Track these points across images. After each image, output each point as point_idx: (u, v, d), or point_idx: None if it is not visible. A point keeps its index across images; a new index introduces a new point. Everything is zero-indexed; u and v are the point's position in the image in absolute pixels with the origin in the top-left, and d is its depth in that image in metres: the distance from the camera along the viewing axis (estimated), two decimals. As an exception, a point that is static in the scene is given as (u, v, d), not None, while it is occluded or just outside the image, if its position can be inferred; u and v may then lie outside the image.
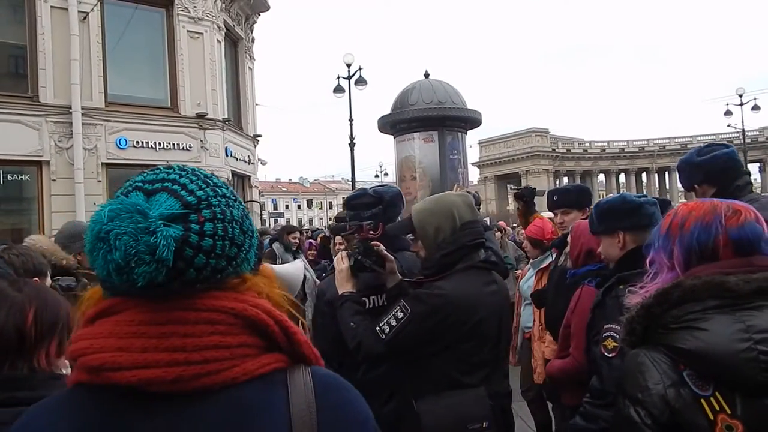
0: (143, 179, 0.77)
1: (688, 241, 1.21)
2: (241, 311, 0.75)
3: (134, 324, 0.72)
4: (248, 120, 14.24)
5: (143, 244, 0.68)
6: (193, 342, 0.71)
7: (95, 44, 10.22)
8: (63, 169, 9.87)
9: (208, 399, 0.71)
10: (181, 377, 0.70)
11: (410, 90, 20.89)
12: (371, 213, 2.33)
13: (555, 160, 58.17)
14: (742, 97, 26.35)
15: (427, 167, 20.59)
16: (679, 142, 59.64)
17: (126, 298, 0.74)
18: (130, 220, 0.69)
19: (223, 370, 0.72)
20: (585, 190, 3.77)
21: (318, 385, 0.77)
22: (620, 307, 1.91)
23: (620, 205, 2.17)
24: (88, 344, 0.72)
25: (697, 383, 1.10)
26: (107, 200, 0.76)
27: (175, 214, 0.72)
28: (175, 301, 0.73)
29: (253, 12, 14.66)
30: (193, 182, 0.77)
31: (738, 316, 1.11)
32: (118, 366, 0.69)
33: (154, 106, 11.17)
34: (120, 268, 0.69)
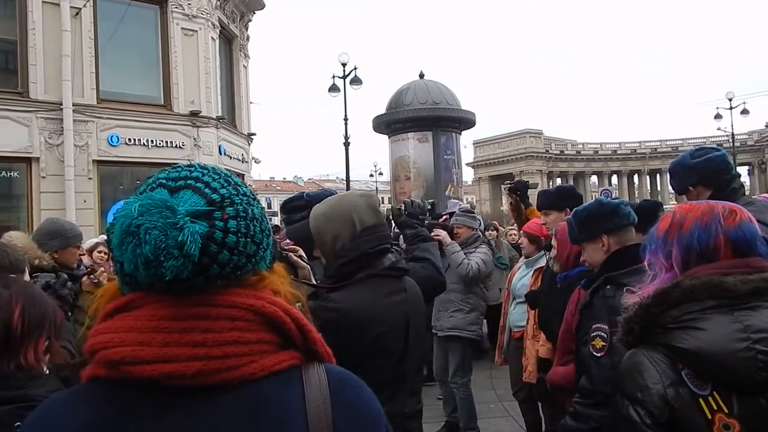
0: (166, 176, 0.79)
1: (688, 242, 1.22)
2: (260, 308, 0.76)
3: (155, 319, 0.73)
4: (242, 118, 14.15)
5: (172, 238, 0.70)
6: (213, 337, 0.73)
7: (87, 40, 10.10)
8: (53, 166, 9.75)
9: (226, 393, 0.73)
10: (202, 371, 0.71)
11: (405, 90, 20.91)
12: (300, 216, 2.24)
13: (548, 161, 58.45)
14: (731, 101, 26.72)
15: (422, 167, 20.61)
16: (670, 145, 60.19)
17: (146, 293, 0.75)
18: (159, 215, 0.71)
19: (242, 365, 0.73)
20: (565, 192, 3.71)
21: (332, 382, 0.79)
22: (608, 308, 1.95)
23: (599, 209, 2.21)
24: (109, 338, 0.73)
25: (695, 382, 1.11)
26: (133, 196, 0.76)
27: (201, 210, 0.74)
28: (196, 297, 0.75)
29: (248, 10, 14.58)
30: (215, 180, 0.79)
31: (736, 316, 1.12)
32: (139, 360, 0.70)
33: (146, 104, 11.06)
34: (149, 262, 0.70)
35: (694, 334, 1.12)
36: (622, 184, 60.89)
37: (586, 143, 62.25)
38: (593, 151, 61.05)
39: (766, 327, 1.10)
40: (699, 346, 1.11)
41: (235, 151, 13.23)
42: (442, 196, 18.09)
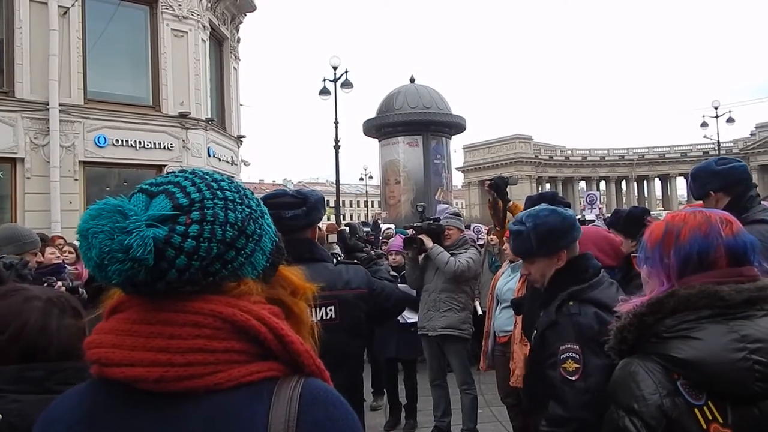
0: (152, 182, 0.79)
1: (687, 252, 1.21)
2: (229, 316, 0.74)
3: (129, 322, 0.75)
4: (232, 120, 14.08)
5: (117, 242, 0.70)
6: (177, 344, 0.72)
7: (75, 40, 9.99)
8: (38, 166, 9.62)
9: (190, 402, 0.72)
10: (163, 378, 0.71)
11: (396, 94, 20.98)
12: (293, 213, 2.19)
13: (538, 167, 58.87)
14: (717, 109, 27.07)
15: (411, 171, 20.69)
16: (657, 152, 60.95)
17: (132, 297, 0.76)
18: (109, 219, 0.71)
19: (206, 374, 0.72)
20: (545, 197, 3.63)
21: (305, 397, 0.75)
22: (575, 326, 1.85)
23: (561, 223, 2.07)
24: (94, 339, 0.76)
25: (690, 392, 1.10)
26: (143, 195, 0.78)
27: (165, 215, 0.73)
28: (167, 303, 0.75)
29: (239, 12, 14.53)
30: (194, 185, 0.78)
31: (731, 326, 1.12)
32: (110, 362, 0.72)
33: (135, 104, 10.98)
34: (96, 265, 0.72)
35: (691, 344, 1.11)
36: (610, 189, 61.47)
37: (575, 149, 62.80)
38: (582, 157, 61.60)
39: (762, 337, 1.10)
40: (696, 356, 1.10)
41: (225, 153, 13.16)
42: (432, 200, 18.13)
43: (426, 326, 4.54)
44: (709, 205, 2.60)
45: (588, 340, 1.80)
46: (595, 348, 1.77)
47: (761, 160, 48.81)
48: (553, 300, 1.99)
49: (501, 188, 4.26)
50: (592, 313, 1.86)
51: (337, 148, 16.64)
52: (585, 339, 1.81)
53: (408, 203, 19.89)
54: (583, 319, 1.86)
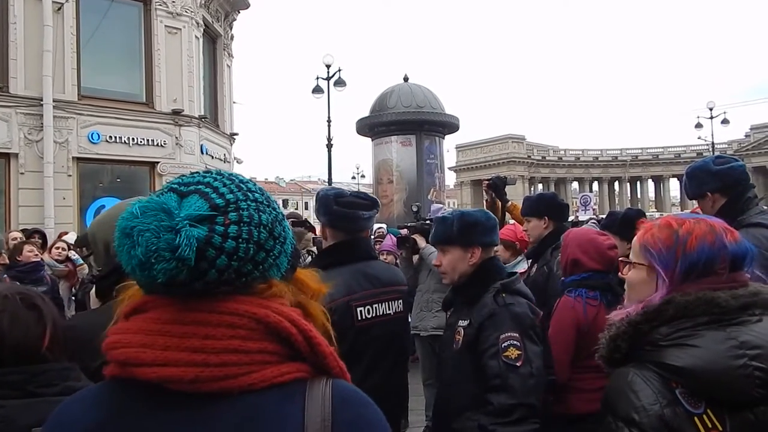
0: (180, 181, 0.79)
1: (694, 260, 1.19)
2: (263, 317, 0.75)
3: (160, 322, 0.74)
4: (225, 118, 14.10)
5: (164, 241, 0.70)
6: (212, 344, 0.72)
7: (69, 36, 10.00)
8: (32, 162, 9.64)
9: (224, 403, 0.72)
10: (199, 378, 0.71)
11: (389, 93, 20.97)
12: (369, 215, 2.32)
13: (530, 167, 58.94)
14: (712, 110, 26.92)
15: (404, 171, 20.67)
16: (650, 153, 61.07)
17: (158, 296, 0.75)
18: (154, 217, 0.71)
19: (240, 374, 0.72)
20: (544, 199, 3.66)
21: (336, 398, 0.76)
22: (512, 315, 1.95)
23: (485, 221, 2.16)
24: (118, 339, 0.75)
25: (689, 401, 1.08)
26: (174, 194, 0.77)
27: (203, 215, 0.73)
28: (200, 303, 0.74)
29: (233, 9, 14.54)
30: (225, 186, 0.78)
31: (729, 332, 1.11)
32: (140, 362, 0.71)
33: (128, 101, 10.99)
34: (141, 264, 0.71)
35: (689, 352, 1.10)
36: (602, 190, 61.58)
37: (568, 149, 62.87)
38: (575, 158, 61.69)
39: (760, 343, 1.09)
40: (695, 364, 1.08)
41: (217, 150, 13.18)
42: (425, 200, 18.19)
43: (418, 326, 4.56)
44: (705, 205, 2.55)
45: (526, 327, 1.94)
46: (532, 336, 1.94)
47: (756, 162, 48.96)
48: (481, 295, 2.05)
49: (500, 188, 4.28)
50: (525, 303, 2.01)
51: (329, 146, 16.70)
52: (523, 327, 1.93)
53: (401, 203, 19.95)
54: (518, 308, 1.97)
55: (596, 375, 1.84)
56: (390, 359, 2.17)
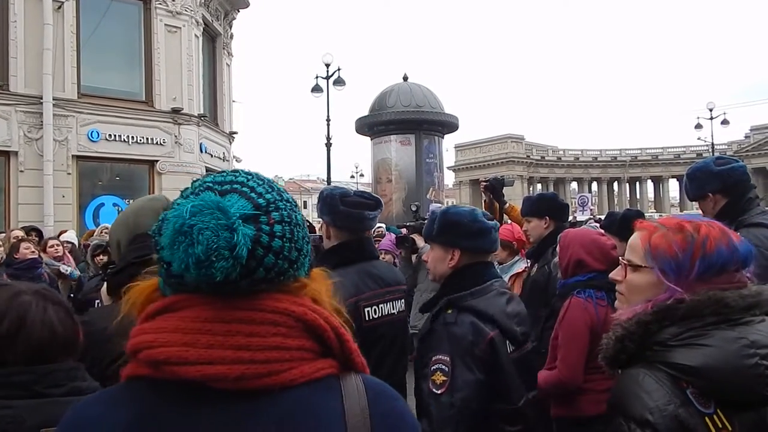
0: (213, 180, 0.79)
1: (712, 261, 1.19)
2: (301, 315, 0.77)
3: (200, 320, 0.73)
4: (224, 116, 14.13)
5: (223, 239, 0.70)
6: (257, 341, 0.73)
7: (69, 34, 10.03)
8: (32, 160, 9.66)
9: (266, 399, 0.73)
10: (244, 375, 0.71)
11: (389, 92, 21.00)
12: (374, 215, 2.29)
13: (529, 167, 58.91)
14: (712, 111, 26.81)
15: (403, 170, 20.72)
16: (650, 153, 61.00)
17: (191, 294, 0.75)
18: (211, 216, 0.71)
19: (282, 371, 0.73)
20: (545, 199, 3.64)
21: (370, 392, 0.80)
22: (449, 335, 1.73)
23: (469, 223, 1.91)
24: (153, 338, 0.73)
25: (699, 401, 1.08)
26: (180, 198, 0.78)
27: (248, 214, 0.74)
28: (240, 301, 0.75)
29: (233, 8, 14.57)
30: (260, 185, 0.79)
31: (739, 332, 1.11)
32: (183, 360, 0.71)
33: (128, 99, 11.02)
34: (200, 262, 0.70)
35: (702, 351, 1.09)
36: (602, 191, 61.52)
37: (567, 149, 62.81)
38: (574, 158, 61.64)
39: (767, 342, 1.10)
40: (707, 363, 1.08)
41: (216, 149, 13.21)
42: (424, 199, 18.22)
43: (417, 325, 4.50)
44: (706, 206, 2.55)
45: (462, 351, 1.70)
46: (468, 361, 1.68)
47: (755, 163, 48.88)
48: (435, 306, 1.90)
49: (497, 190, 4.25)
50: (469, 323, 1.74)
51: (328, 145, 16.73)
52: (458, 350, 1.71)
53: (399, 202, 19.98)
54: (458, 329, 1.73)
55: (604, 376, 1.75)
56: (392, 358, 2.18)
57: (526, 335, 1.89)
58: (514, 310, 1.85)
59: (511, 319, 1.81)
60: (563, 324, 2.46)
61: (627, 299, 1.30)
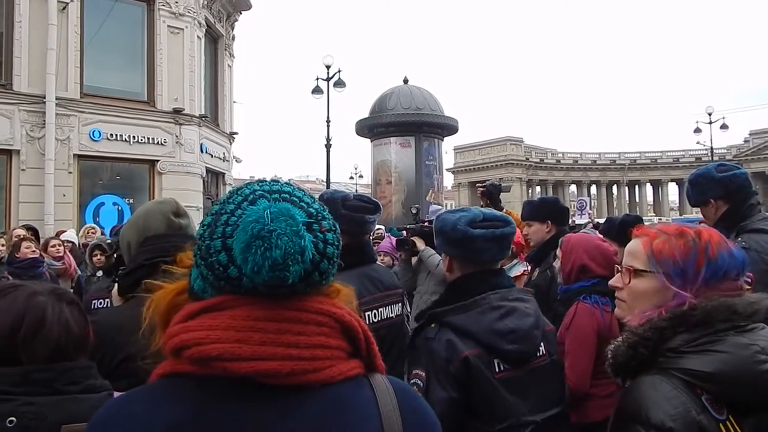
0: (263, 189, 0.82)
1: (717, 267, 1.20)
2: (341, 317, 0.82)
3: (251, 319, 0.76)
4: (225, 117, 14.21)
5: (297, 245, 0.75)
6: (305, 340, 0.77)
7: (73, 35, 10.12)
8: (33, 159, 9.75)
9: (308, 394, 0.77)
10: (294, 371, 0.75)
11: (389, 95, 21.09)
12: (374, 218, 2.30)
13: (528, 170, 58.83)
14: (711, 115, 26.79)
15: (403, 172, 20.81)
16: (649, 156, 60.84)
17: (237, 295, 0.78)
18: (286, 222, 0.75)
19: (324, 368, 0.78)
20: (547, 203, 3.61)
21: (397, 389, 0.85)
22: (426, 351, 1.68)
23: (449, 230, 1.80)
24: (204, 335, 0.75)
25: (713, 407, 1.08)
26: (266, 201, 0.79)
27: (306, 222, 0.78)
28: (288, 302, 0.79)
29: (235, 10, 14.66)
30: (305, 196, 0.84)
31: (748, 338, 1.12)
32: (237, 357, 0.73)
33: (130, 99, 11.10)
34: (277, 265, 0.74)
35: (717, 357, 1.10)
36: (600, 194, 61.43)
37: (566, 152, 62.66)
38: (573, 161, 61.51)
39: None
40: (722, 369, 1.08)
41: (217, 149, 13.29)
42: (423, 201, 18.30)
43: None
44: (708, 212, 2.57)
45: (436, 368, 1.65)
46: (442, 379, 1.63)
47: (755, 167, 48.75)
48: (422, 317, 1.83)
49: (494, 195, 4.26)
50: (445, 340, 1.66)
51: (328, 146, 16.78)
52: (433, 367, 1.66)
53: (399, 204, 20.06)
54: (436, 344, 1.67)
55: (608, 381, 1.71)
56: (391, 361, 2.18)
57: (524, 353, 1.72)
58: (507, 327, 1.69)
59: (502, 336, 1.67)
60: (572, 330, 2.43)
61: (629, 306, 1.29)
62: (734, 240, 2.33)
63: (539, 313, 1.82)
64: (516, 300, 1.78)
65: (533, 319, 1.75)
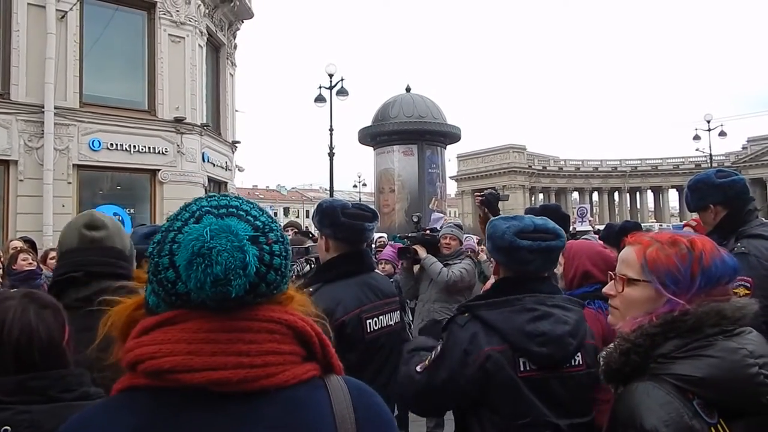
0: (210, 205, 0.84)
1: (711, 274, 1.21)
2: (292, 323, 0.84)
3: (203, 331, 0.79)
4: (227, 126, 14.10)
5: (238, 260, 0.77)
6: (256, 348, 0.80)
7: (72, 44, 10.00)
8: (32, 169, 9.59)
9: (263, 399, 0.79)
10: (246, 378, 0.77)
11: (391, 103, 21.08)
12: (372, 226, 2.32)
13: (531, 177, 59.03)
14: (710, 122, 27.26)
15: (406, 180, 20.76)
16: (650, 164, 61.22)
17: (189, 310, 0.80)
18: (226, 238, 0.77)
19: (278, 373, 0.80)
20: (548, 210, 3.58)
21: (352, 389, 0.89)
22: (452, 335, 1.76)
23: (495, 235, 1.84)
24: (156, 349, 0.78)
25: (705, 411, 1.10)
26: (212, 217, 0.81)
27: (251, 236, 0.81)
28: (239, 312, 0.81)
29: (237, 19, 14.59)
30: (252, 209, 0.86)
31: (737, 342, 1.14)
32: (189, 368, 0.76)
33: (130, 109, 10.97)
34: (218, 281, 0.76)
35: (707, 362, 1.11)
36: (602, 201, 61.65)
37: (568, 160, 62.98)
38: (575, 168, 61.79)
39: (763, 352, 1.13)
40: (713, 374, 1.10)
41: (219, 158, 13.16)
42: (426, 209, 18.19)
43: None
44: (707, 218, 2.61)
45: (452, 355, 1.72)
46: (451, 365, 1.71)
47: (753, 174, 49.09)
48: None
49: (492, 204, 4.17)
50: (471, 333, 1.72)
51: (331, 155, 16.68)
52: (450, 352, 1.73)
53: (402, 212, 19.95)
54: (462, 333, 1.74)
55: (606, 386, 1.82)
56: (390, 368, 2.19)
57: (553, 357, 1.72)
58: (538, 330, 1.70)
59: (531, 338, 1.69)
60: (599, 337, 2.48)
61: (622, 313, 1.30)
62: (734, 245, 2.40)
63: (581, 325, 1.81)
64: (555, 306, 1.78)
65: (570, 328, 1.75)
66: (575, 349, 1.76)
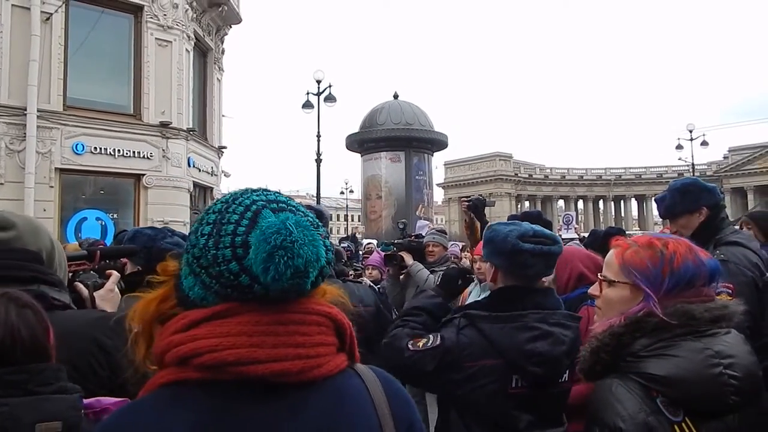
0: (264, 199, 0.85)
1: (680, 276, 1.24)
2: (335, 316, 0.89)
3: (262, 324, 0.80)
4: (213, 131, 14.00)
5: (314, 253, 0.80)
6: (309, 339, 0.83)
7: (57, 46, 9.86)
8: (13, 172, 9.42)
9: (312, 388, 0.82)
10: (303, 369, 0.80)
11: (379, 110, 21.13)
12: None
13: (517, 185, 59.47)
14: (692, 132, 27.96)
15: (393, 186, 20.79)
16: (633, 172, 62.07)
17: (242, 303, 0.81)
18: (303, 233, 0.79)
19: (325, 364, 0.84)
20: (530, 216, 3.60)
21: (380, 377, 0.93)
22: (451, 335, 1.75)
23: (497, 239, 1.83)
24: (217, 342, 0.78)
25: (668, 409, 1.13)
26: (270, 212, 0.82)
27: None
28: (291, 306, 0.83)
29: (225, 24, 14.53)
30: (299, 206, 0.89)
31: (705, 343, 1.17)
32: (254, 360, 0.77)
33: (115, 112, 10.84)
34: (299, 273, 0.78)
35: (671, 361, 1.15)
36: (587, 209, 62.27)
37: (554, 168, 63.61)
38: (560, 176, 62.41)
39: (732, 353, 1.16)
40: (676, 373, 1.13)
41: (205, 163, 13.05)
42: (413, 216, 18.21)
43: None
44: (692, 221, 2.69)
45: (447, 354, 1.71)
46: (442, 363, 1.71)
47: (734, 183, 49.98)
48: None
49: (479, 209, 4.23)
50: (467, 342, 1.72)
51: (318, 161, 16.65)
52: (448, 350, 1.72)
53: (389, 218, 19.95)
54: (462, 337, 1.73)
55: None
56: None
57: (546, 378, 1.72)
58: (536, 350, 1.68)
59: (528, 358, 1.68)
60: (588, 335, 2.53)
61: (604, 313, 1.34)
62: (712, 252, 2.45)
63: (576, 343, 1.78)
64: (556, 325, 1.77)
65: (566, 348, 1.74)
66: (567, 368, 1.77)
